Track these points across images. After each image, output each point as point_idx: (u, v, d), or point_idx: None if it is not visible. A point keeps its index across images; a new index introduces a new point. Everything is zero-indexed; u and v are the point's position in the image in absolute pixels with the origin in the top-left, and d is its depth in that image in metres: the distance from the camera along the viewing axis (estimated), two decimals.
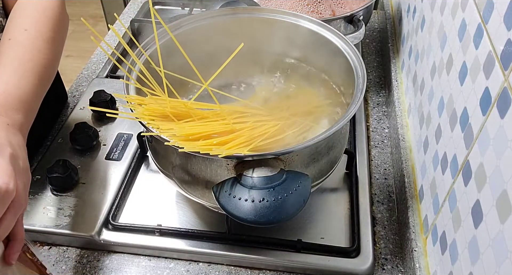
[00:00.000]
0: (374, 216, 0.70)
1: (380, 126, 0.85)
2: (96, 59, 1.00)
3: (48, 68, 0.59)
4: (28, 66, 0.56)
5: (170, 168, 0.60)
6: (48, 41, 0.59)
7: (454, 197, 0.52)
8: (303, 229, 0.66)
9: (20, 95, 0.54)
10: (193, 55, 0.71)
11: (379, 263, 0.64)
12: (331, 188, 0.72)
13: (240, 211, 0.49)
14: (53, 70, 0.62)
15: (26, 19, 0.59)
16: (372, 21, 1.10)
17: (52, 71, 0.61)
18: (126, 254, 0.65)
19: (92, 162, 0.74)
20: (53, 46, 0.60)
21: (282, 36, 0.71)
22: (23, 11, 0.60)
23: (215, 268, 0.64)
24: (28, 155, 0.51)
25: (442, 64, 0.61)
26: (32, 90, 0.56)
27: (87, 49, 1.05)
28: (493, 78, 0.44)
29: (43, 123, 0.81)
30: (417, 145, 0.70)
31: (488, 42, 0.46)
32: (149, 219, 0.67)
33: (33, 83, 0.56)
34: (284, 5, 0.91)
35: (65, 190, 0.70)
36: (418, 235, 0.62)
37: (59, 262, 0.64)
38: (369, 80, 0.95)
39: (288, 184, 0.50)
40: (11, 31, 0.59)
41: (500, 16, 0.44)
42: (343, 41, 0.65)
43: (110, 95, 0.82)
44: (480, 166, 0.45)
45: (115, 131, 0.79)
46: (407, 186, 0.68)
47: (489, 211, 0.42)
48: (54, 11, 0.62)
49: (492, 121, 0.43)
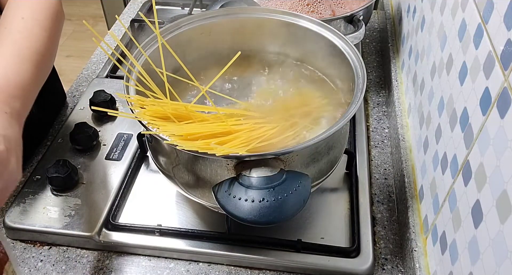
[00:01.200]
0: (374, 216, 0.70)
1: (380, 126, 0.85)
2: (96, 59, 1.00)
3: (45, 56, 0.59)
4: (26, 53, 0.56)
5: (170, 168, 0.60)
6: (45, 29, 0.59)
7: (454, 197, 0.52)
8: (303, 229, 0.66)
9: (19, 82, 0.53)
10: (193, 55, 0.71)
11: (379, 263, 0.64)
12: (331, 188, 0.72)
13: (240, 211, 0.49)
14: (51, 58, 0.61)
15: (23, 8, 0.59)
16: (372, 21, 1.10)
17: (50, 59, 0.61)
18: (126, 254, 0.65)
19: (92, 162, 0.74)
20: (51, 35, 0.60)
21: (282, 36, 0.71)
22: (19, 1, 0.60)
23: (215, 268, 0.64)
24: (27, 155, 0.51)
25: (442, 64, 0.61)
26: (31, 77, 0.55)
27: (87, 49, 1.05)
28: (493, 78, 0.44)
29: (42, 124, 0.81)
30: (417, 145, 0.70)
31: (488, 42, 0.46)
32: (149, 219, 0.67)
33: (31, 71, 0.55)
34: (284, 5, 0.91)
35: (65, 190, 0.70)
36: (418, 235, 0.62)
37: (59, 262, 0.64)
38: (369, 80, 0.95)
39: (288, 184, 0.50)
40: (8, 20, 0.58)
41: (500, 16, 0.44)
42: (343, 41, 0.65)
43: (110, 95, 0.82)
44: (480, 166, 0.45)
45: (115, 131, 0.79)
46: (407, 186, 0.68)
47: (489, 211, 0.42)
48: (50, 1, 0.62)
49: (492, 121, 0.43)
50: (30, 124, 0.57)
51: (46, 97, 0.60)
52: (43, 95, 0.59)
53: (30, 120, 0.56)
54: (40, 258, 0.65)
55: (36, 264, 0.64)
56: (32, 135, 0.78)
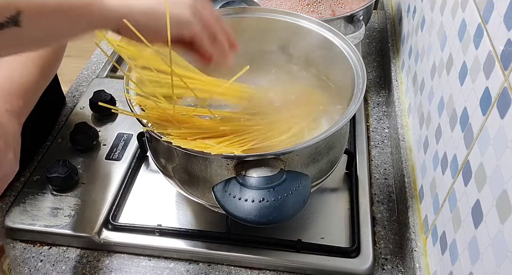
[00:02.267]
0: (374, 216, 0.70)
1: (380, 126, 0.85)
2: (96, 59, 1.00)
3: (51, 61, 0.61)
4: (32, 57, 0.58)
5: (170, 168, 0.60)
6: None
7: (454, 197, 0.52)
8: (303, 229, 0.66)
9: (23, 83, 0.56)
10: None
11: (379, 263, 0.64)
12: (331, 188, 0.72)
13: (240, 211, 0.49)
14: (56, 63, 0.63)
15: None
16: (372, 21, 1.10)
17: (55, 64, 0.63)
18: (126, 254, 0.65)
19: (92, 162, 0.74)
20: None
21: (282, 37, 0.71)
22: None
23: (215, 268, 0.64)
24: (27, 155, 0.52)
25: (442, 64, 0.61)
26: (35, 80, 0.58)
27: (87, 49, 1.05)
28: (493, 78, 0.44)
29: (41, 125, 0.81)
30: (417, 145, 0.70)
31: (488, 42, 0.46)
32: (149, 219, 0.67)
33: (36, 74, 0.58)
34: (284, 5, 0.91)
35: (65, 190, 0.70)
36: (418, 235, 0.62)
37: (59, 262, 0.64)
38: (369, 80, 0.95)
39: (288, 184, 0.50)
40: None
41: (500, 16, 0.44)
42: (343, 41, 0.65)
43: (110, 95, 0.82)
44: (480, 166, 0.45)
45: (115, 131, 0.79)
46: (407, 186, 0.68)
47: (489, 211, 0.42)
48: None
49: (492, 121, 0.43)
50: (32, 125, 0.57)
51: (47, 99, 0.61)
52: (44, 97, 0.60)
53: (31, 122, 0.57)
54: (40, 258, 0.65)
55: (36, 264, 0.64)
56: (33, 136, 0.78)
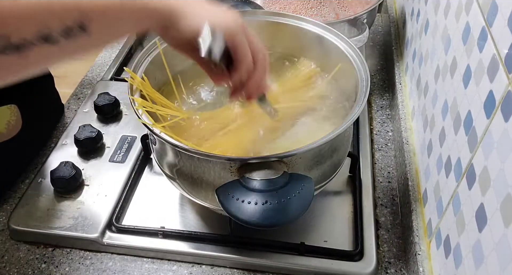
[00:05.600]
0: (378, 219, 0.70)
1: (384, 129, 0.84)
2: (101, 62, 1.00)
3: None
4: None
5: (173, 170, 0.60)
6: None
7: (458, 200, 0.51)
8: (306, 232, 0.66)
9: None
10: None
11: (382, 267, 0.64)
12: (335, 191, 0.72)
13: (243, 214, 0.49)
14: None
15: None
16: (376, 24, 1.10)
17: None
18: (129, 256, 0.65)
19: (96, 164, 0.74)
20: None
21: (285, 39, 0.71)
22: None
23: (218, 270, 0.64)
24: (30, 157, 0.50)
25: (446, 67, 0.61)
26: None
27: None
28: (497, 82, 0.44)
29: (41, 126, 0.81)
30: (421, 148, 0.70)
31: (492, 45, 0.46)
32: (153, 221, 0.67)
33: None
34: (288, 8, 0.91)
35: (69, 192, 0.70)
36: (422, 239, 0.62)
37: (63, 264, 0.65)
38: (373, 83, 0.95)
39: (291, 187, 0.50)
40: None
41: (504, 19, 0.44)
42: (347, 44, 0.65)
43: (114, 97, 0.82)
44: (484, 169, 0.45)
45: (119, 133, 0.80)
46: (410, 190, 0.68)
47: (493, 215, 0.42)
48: None
49: (496, 124, 0.43)
50: (33, 127, 0.57)
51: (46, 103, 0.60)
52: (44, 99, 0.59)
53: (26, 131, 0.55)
54: (44, 260, 0.65)
55: (39, 265, 0.64)
56: (34, 137, 0.78)
